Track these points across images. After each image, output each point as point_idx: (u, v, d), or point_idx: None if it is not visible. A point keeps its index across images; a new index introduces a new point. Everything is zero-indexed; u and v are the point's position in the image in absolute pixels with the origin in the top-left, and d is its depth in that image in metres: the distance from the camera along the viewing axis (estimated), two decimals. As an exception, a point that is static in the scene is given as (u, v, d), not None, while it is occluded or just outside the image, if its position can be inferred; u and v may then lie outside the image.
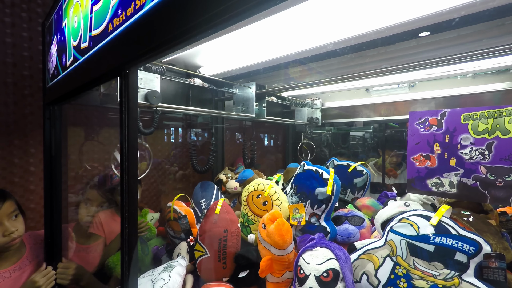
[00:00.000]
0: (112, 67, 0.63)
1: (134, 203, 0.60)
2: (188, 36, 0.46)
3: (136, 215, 0.61)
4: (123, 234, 0.59)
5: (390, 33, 1.06)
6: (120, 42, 0.60)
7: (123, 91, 0.59)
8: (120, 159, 0.59)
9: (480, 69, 1.50)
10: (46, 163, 1.32)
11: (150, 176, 2.14)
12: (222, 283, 1.12)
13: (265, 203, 1.25)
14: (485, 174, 0.96)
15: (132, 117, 0.58)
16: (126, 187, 0.58)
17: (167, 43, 0.48)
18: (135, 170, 0.60)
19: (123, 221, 0.59)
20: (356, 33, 1.05)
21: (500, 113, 0.94)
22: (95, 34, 0.70)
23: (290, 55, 1.30)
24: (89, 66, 0.75)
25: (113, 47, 0.62)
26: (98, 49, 0.69)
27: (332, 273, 0.84)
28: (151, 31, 0.50)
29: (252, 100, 1.74)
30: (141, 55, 0.53)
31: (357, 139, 3.08)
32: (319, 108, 2.45)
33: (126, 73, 0.58)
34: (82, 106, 1.79)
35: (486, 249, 0.73)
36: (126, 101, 0.57)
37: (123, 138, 0.58)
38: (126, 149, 0.57)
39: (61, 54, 1.00)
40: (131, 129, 0.58)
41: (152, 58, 0.53)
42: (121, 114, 0.58)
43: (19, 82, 1.63)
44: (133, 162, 0.59)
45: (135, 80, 0.59)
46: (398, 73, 1.26)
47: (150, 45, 0.50)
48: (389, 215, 1.00)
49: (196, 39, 0.46)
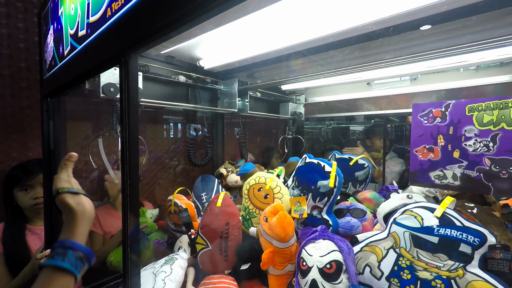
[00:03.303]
0: (111, 54, 0.61)
1: (135, 195, 0.59)
2: (188, 19, 0.44)
3: (138, 207, 0.60)
4: (125, 227, 0.58)
5: (392, 24, 1.04)
6: (119, 28, 0.57)
7: (123, 79, 0.57)
8: (121, 150, 0.57)
9: (484, 61, 1.48)
10: (45, 157, 1.30)
11: (150, 170, 2.13)
12: (224, 275, 1.12)
13: (266, 196, 1.25)
14: (489, 166, 0.95)
15: (133, 105, 0.56)
16: (127, 179, 0.57)
17: (167, 26, 0.46)
18: (136, 161, 0.58)
19: (124, 214, 0.58)
20: (355, 24, 1.03)
21: (506, 104, 0.93)
22: (93, 21, 0.68)
23: (290, 47, 1.28)
24: (87, 55, 0.73)
25: (112, 33, 0.60)
26: (96, 36, 0.66)
27: (335, 265, 0.83)
28: (150, 15, 0.48)
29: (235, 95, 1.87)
30: (141, 40, 0.51)
31: (356, 134, 3.08)
32: (302, 103, 2.52)
33: (126, 60, 0.56)
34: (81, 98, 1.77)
35: (491, 240, 0.73)
36: (127, 90, 0.56)
37: (124, 128, 0.56)
38: (127, 139, 0.56)
39: (58, 43, 0.98)
40: (132, 118, 0.56)
41: (152, 43, 0.51)
42: (122, 103, 0.57)
43: (15, 74, 1.60)
44: (134, 152, 0.57)
45: (135, 67, 0.57)
46: (399, 64, 1.24)
47: (150, 29, 0.48)
48: (392, 207, 0.99)
49: (196, 22, 0.44)
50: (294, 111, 2.46)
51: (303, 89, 2.44)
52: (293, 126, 2.53)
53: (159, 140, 2.20)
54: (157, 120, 2.19)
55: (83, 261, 0.58)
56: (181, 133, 2.38)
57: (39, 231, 1.40)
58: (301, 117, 2.51)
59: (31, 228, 1.39)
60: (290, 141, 2.61)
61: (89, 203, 0.65)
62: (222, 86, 1.93)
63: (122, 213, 0.59)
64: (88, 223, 0.63)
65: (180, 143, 2.31)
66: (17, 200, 1.36)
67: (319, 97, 2.53)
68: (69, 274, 0.56)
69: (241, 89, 1.91)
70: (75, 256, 0.57)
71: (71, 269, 0.55)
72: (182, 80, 1.68)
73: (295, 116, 2.46)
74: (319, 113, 2.58)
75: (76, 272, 0.56)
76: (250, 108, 1.98)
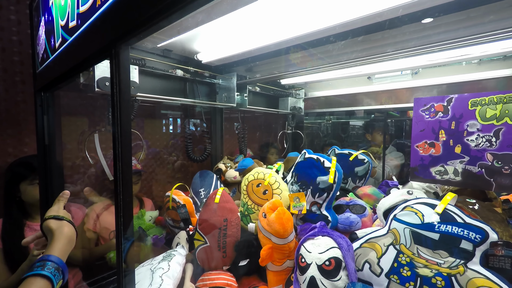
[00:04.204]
0: (102, 46, 0.58)
1: (128, 190, 0.57)
2: (177, 7, 0.41)
3: (131, 203, 0.58)
4: (118, 223, 0.57)
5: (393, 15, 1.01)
6: (109, 17, 0.55)
7: (114, 72, 0.54)
8: (113, 145, 0.55)
9: (487, 54, 1.45)
10: (40, 152, 1.28)
11: (149, 165, 2.11)
12: (222, 272, 1.12)
13: (265, 192, 1.23)
14: (491, 161, 0.94)
15: (124, 99, 0.54)
16: (120, 174, 0.55)
17: (157, 15, 0.43)
18: (129, 157, 0.56)
19: (117, 211, 0.56)
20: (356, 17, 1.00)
21: (510, 98, 0.90)
22: (83, 11, 0.65)
23: (289, 40, 1.25)
24: (78, 47, 0.70)
25: (102, 24, 0.57)
26: (87, 27, 0.63)
27: (334, 262, 0.82)
28: (139, 3, 0.45)
29: (234, 90, 1.85)
30: (131, 30, 0.49)
31: (356, 129, 3.06)
32: (302, 98, 2.50)
33: (117, 52, 0.53)
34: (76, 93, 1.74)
35: (493, 237, 0.72)
36: (118, 83, 0.53)
37: (116, 122, 0.54)
38: (119, 134, 0.54)
39: (49, 35, 0.94)
40: (124, 112, 0.54)
41: (143, 34, 0.49)
42: (113, 96, 0.54)
43: (9, 68, 1.57)
44: (127, 147, 0.55)
45: (126, 59, 0.55)
46: (401, 58, 1.22)
47: (139, 18, 0.46)
48: (392, 203, 0.98)
49: (186, 10, 0.42)
50: (293, 106, 2.44)
51: (303, 83, 2.42)
52: (292, 121, 2.51)
53: (157, 136, 2.18)
54: (155, 115, 2.17)
55: (59, 272, 0.63)
56: (180, 128, 2.36)
57: (37, 227, 1.39)
58: (300, 112, 2.50)
59: (30, 225, 1.38)
60: (289, 136, 2.60)
61: (69, 227, 0.74)
62: (221, 81, 1.92)
63: (115, 209, 0.58)
64: (66, 242, 0.70)
65: (179, 138, 2.29)
66: (25, 194, 1.35)
67: (319, 91, 2.50)
68: (48, 280, 0.60)
69: (240, 84, 1.89)
70: (53, 267, 0.62)
71: (49, 275, 0.60)
72: (180, 74, 1.66)
73: (295, 111, 2.44)
74: (319, 108, 2.56)
75: (54, 280, 0.60)
76: (249, 103, 1.96)
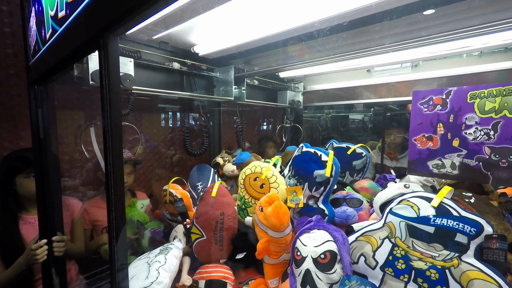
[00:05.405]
0: (90, 36, 0.56)
1: (120, 184, 0.56)
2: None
3: (123, 197, 0.58)
4: (110, 217, 0.56)
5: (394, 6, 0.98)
6: (96, 6, 0.53)
7: (103, 63, 0.53)
8: (103, 138, 0.54)
9: (488, 46, 1.42)
10: (35, 146, 1.27)
11: (147, 159, 2.11)
12: (219, 265, 1.12)
13: (262, 186, 1.23)
14: (489, 154, 0.93)
15: (114, 91, 0.53)
16: (111, 168, 0.54)
17: (144, 2, 0.41)
18: (119, 150, 0.55)
19: (109, 204, 0.56)
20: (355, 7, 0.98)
21: (509, 90, 0.89)
22: (71, 0, 0.63)
23: (288, 31, 1.23)
24: (67, 38, 0.68)
25: (90, 13, 0.55)
26: (75, 17, 0.61)
27: (329, 255, 0.83)
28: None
29: (231, 83, 1.83)
30: (118, 19, 0.47)
31: (356, 123, 3.04)
32: (301, 91, 2.49)
33: (105, 42, 0.52)
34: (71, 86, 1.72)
35: (488, 230, 0.72)
36: (107, 74, 0.52)
37: (106, 116, 0.53)
38: (109, 127, 0.53)
39: (40, 27, 0.92)
40: (114, 105, 0.53)
41: (130, 23, 0.47)
42: (102, 89, 0.53)
43: (2, 61, 1.54)
44: (117, 141, 0.54)
45: (115, 50, 0.53)
46: (400, 50, 1.19)
47: (126, 6, 0.44)
48: (388, 197, 0.98)
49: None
50: (292, 100, 2.42)
51: (302, 76, 2.39)
52: (291, 114, 2.49)
53: (155, 130, 2.17)
54: (152, 109, 2.15)
55: None
56: (179, 122, 2.34)
57: (32, 220, 1.40)
58: (299, 106, 2.48)
59: (24, 218, 1.38)
60: (288, 130, 2.58)
61: None
62: (218, 74, 1.89)
63: (107, 204, 0.57)
64: None
65: (177, 132, 2.28)
66: (20, 188, 1.34)
67: (318, 85, 2.48)
68: None
69: (238, 77, 1.87)
70: None
71: None
72: (176, 67, 1.64)
73: (294, 105, 2.43)
74: (317, 102, 2.53)
75: None
76: (247, 96, 1.94)
